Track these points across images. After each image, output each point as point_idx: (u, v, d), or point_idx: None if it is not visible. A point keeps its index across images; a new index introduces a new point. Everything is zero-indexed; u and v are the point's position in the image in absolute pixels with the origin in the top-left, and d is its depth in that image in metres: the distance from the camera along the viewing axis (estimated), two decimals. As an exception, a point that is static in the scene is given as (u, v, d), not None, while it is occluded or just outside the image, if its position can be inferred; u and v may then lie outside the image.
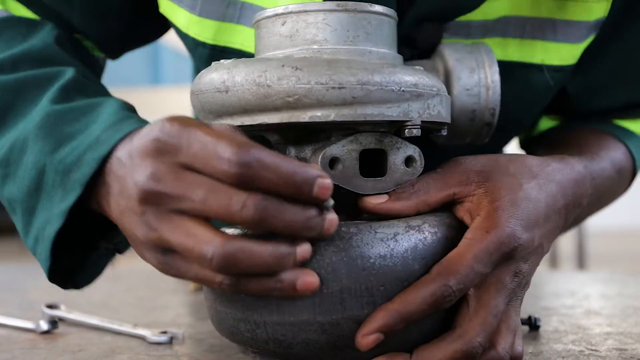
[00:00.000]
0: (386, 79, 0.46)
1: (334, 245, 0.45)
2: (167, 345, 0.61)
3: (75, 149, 0.50)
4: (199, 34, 0.63)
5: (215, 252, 0.40)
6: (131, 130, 0.48)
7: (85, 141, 0.49)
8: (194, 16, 0.63)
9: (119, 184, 0.45)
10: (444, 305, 0.45)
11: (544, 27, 0.63)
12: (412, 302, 0.45)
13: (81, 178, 0.48)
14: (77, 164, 0.49)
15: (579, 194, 0.55)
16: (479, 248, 0.46)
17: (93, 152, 0.48)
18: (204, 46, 0.64)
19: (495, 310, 0.46)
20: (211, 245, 0.40)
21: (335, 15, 0.48)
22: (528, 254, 0.49)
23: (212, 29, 0.63)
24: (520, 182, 0.50)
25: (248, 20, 0.62)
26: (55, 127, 0.52)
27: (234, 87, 0.47)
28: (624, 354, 0.56)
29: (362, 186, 0.48)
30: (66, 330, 0.68)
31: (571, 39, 0.63)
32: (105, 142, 0.48)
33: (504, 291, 0.47)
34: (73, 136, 0.51)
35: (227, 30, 0.63)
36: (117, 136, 0.48)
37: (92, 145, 0.49)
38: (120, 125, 0.49)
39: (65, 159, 0.50)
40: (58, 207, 0.50)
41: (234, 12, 0.62)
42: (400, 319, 0.44)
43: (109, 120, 0.50)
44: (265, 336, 0.47)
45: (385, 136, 0.49)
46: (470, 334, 0.46)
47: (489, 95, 0.57)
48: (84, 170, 0.48)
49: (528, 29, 0.63)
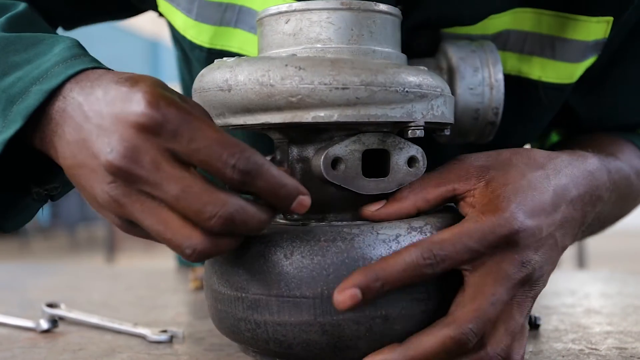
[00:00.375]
0: (390, 80, 0.46)
1: (335, 247, 0.45)
2: (167, 344, 0.61)
3: (21, 80, 0.46)
4: (196, 37, 0.63)
5: (197, 249, 0.41)
6: (86, 68, 0.45)
7: (33, 72, 0.46)
8: (190, 20, 0.63)
9: (76, 132, 0.43)
10: (426, 273, 0.44)
11: (543, 44, 0.63)
12: (392, 265, 0.44)
13: (24, 110, 0.45)
14: (22, 95, 0.46)
15: (595, 186, 0.52)
16: (473, 226, 0.45)
17: (41, 84, 0.45)
18: (201, 49, 0.64)
19: (493, 299, 0.45)
20: (191, 241, 0.41)
21: (340, 14, 0.48)
22: (536, 243, 0.47)
23: (209, 33, 0.63)
24: (524, 171, 0.48)
25: (246, 24, 0.61)
26: (1, 54, 0.49)
27: (236, 86, 0.46)
28: (624, 353, 0.55)
29: (365, 186, 0.48)
30: (66, 329, 0.67)
31: (569, 58, 0.63)
32: (55, 76, 0.45)
33: (505, 281, 0.45)
34: (19, 66, 0.48)
35: (224, 34, 0.62)
36: (69, 71, 0.45)
37: (41, 77, 0.46)
38: (74, 62, 0.46)
39: (9, 89, 0.47)
40: None
41: (232, 16, 0.62)
42: (377, 278, 0.44)
43: (62, 55, 0.47)
44: (266, 336, 0.47)
45: (388, 136, 0.49)
46: (462, 320, 0.44)
47: (492, 95, 0.57)
48: (28, 102, 0.45)
49: (528, 45, 0.62)
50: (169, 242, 0.41)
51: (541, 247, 0.47)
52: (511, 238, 0.46)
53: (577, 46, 0.63)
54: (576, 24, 0.62)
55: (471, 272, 0.46)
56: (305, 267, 0.45)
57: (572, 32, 0.62)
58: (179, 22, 0.64)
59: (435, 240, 0.45)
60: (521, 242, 0.46)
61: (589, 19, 0.62)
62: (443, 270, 0.45)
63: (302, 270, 0.45)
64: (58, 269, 1.18)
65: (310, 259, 0.45)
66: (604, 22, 0.62)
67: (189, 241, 0.41)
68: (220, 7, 0.61)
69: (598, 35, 0.62)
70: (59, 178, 0.52)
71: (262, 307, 0.46)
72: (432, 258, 0.44)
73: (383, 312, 0.45)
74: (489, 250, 0.45)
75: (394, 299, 0.45)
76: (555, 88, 0.64)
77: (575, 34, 0.62)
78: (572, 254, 4.28)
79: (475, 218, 0.46)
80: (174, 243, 0.41)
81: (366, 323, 0.45)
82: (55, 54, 0.47)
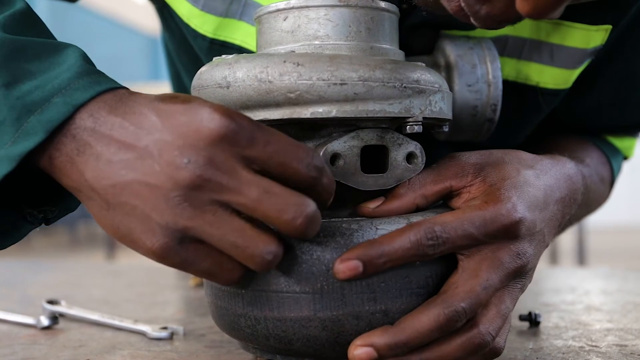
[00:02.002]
0: (388, 75, 0.46)
1: (335, 242, 0.45)
2: (168, 340, 0.61)
3: (39, 89, 0.44)
4: (200, 27, 0.64)
5: (278, 254, 0.42)
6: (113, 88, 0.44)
7: (53, 83, 0.44)
8: (196, 9, 0.63)
9: (122, 152, 0.42)
10: (427, 254, 0.45)
11: (541, 50, 0.63)
12: (398, 242, 0.45)
13: (48, 122, 0.42)
14: (42, 105, 0.43)
15: (573, 189, 0.54)
16: (475, 213, 0.46)
17: (64, 97, 0.43)
18: (204, 39, 0.64)
19: (486, 283, 0.45)
20: (270, 247, 0.41)
21: (337, 11, 0.48)
22: (531, 236, 0.48)
23: (214, 24, 0.63)
24: (518, 168, 0.50)
25: (251, 17, 0.62)
26: (10, 59, 0.46)
27: (235, 83, 0.46)
28: (624, 350, 0.56)
29: (363, 182, 0.48)
30: (67, 326, 0.68)
31: (567, 65, 0.63)
32: (80, 90, 0.43)
33: (500, 269, 0.46)
34: (33, 74, 0.45)
35: (228, 25, 0.63)
36: (97, 88, 0.43)
37: (62, 89, 0.43)
38: (98, 78, 0.44)
39: (25, 97, 0.43)
40: (7, 149, 0.43)
41: (237, 8, 0.62)
42: (380, 253, 0.44)
43: (78, 67, 0.45)
44: (266, 332, 0.47)
45: (387, 132, 0.49)
46: (455, 298, 0.45)
47: (490, 91, 0.57)
48: (50, 114, 0.42)
49: (526, 50, 0.63)
50: (245, 250, 0.41)
51: (534, 240, 0.49)
52: (510, 228, 0.46)
53: (576, 53, 0.63)
54: (575, 31, 0.62)
55: (467, 257, 0.47)
56: (305, 263, 0.45)
57: (571, 40, 0.63)
58: (182, 10, 0.64)
59: (438, 222, 0.46)
60: (519, 233, 0.47)
61: (589, 27, 0.62)
62: (442, 253, 0.46)
63: (302, 265, 0.45)
64: (58, 265, 1.18)
65: (309, 254, 0.45)
66: (603, 30, 0.63)
67: (268, 247, 0.41)
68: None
69: (596, 42, 0.63)
70: (61, 202, 0.49)
71: (262, 303, 0.46)
72: (435, 239, 0.45)
73: (383, 307, 0.45)
74: (487, 238, 0.46)
75: (394, 294, 0.46)
76: (551, 93, 0.65)
77: (574, 42, 0.63)
78: (572, 251, 4.28)
79: (478, 206, 0.47)
80: (250, 251, 0.41)
81: (366, 318, 0.45)
82: (72, 64, 0.45)
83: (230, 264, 0.43)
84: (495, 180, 0.48)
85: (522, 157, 0.51)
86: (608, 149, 0.74)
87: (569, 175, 0.54)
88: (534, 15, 0.39)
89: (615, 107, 0.72)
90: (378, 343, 0.44)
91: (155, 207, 0.41)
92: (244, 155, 0.41)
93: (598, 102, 0.71)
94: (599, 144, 0.74)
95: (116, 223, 0.43)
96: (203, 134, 0.40)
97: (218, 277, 0.43)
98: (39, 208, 0.49)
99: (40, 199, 0.49)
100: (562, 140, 0.72)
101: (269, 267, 0.42)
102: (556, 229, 0.53)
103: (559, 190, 0.52)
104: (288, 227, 0.41)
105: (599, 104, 0.71)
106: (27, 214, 0.49)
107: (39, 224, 0.50)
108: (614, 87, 0.70)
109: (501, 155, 0.51)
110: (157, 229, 0.41)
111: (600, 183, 0.69)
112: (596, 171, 0.68)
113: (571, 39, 0.62)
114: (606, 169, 0.73)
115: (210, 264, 0.43)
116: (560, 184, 0.52)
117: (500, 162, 0.50)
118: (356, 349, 0.44)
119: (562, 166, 0.54)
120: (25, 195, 0.49)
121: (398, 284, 0.46)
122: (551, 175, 0.52)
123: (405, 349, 0.44)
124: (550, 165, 0.53)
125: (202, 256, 0.42)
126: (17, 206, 0.49)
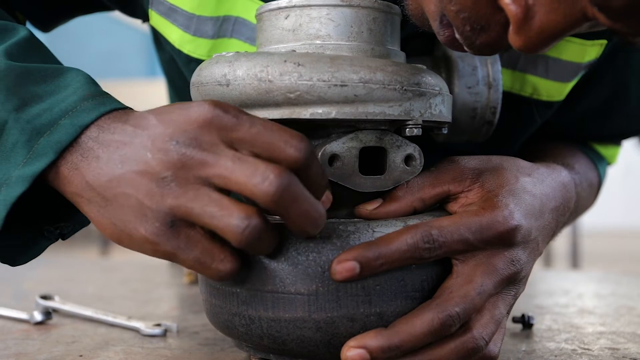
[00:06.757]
0: (389, 78, 0.46)
1: (331, 244, 0.45)
2: (161, 337, 0.61)
3: (47, 112, 0.46)
4: (193, 51, 0.64)
5: (250, 224, 0.41)
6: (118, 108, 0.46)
7: (60, 105, 0.46)
8: (188, 35, 0.63)
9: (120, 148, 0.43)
10: (423, 257, 0.45)
11: (537, 63, 0.63)
12: (395, 245, 0.45)
13: (57, 143, 0.45)
14: (50, 127, 0.45)
15: (567, 198, 0.55)
16: (472, 219, 0.46)
17: (71, 118, 0.45)
18: (198, 62, 0.64)
19: (480, 289, 0.46)
20: (243, 218, 0.41)
21: (339, 11, 0.48)
22: (525, 244, 0.48)
23: (207, 47, 0.63)
24: (517, 175, 0.50)
25: (242, 35, 0.62)
26: (18, 84, 0.48)
27: (235, 81, 0.46)
28: (617, 353, 0.56)
29: (361, 184, 0.48)
30: (60, 322, 0.67)
31: (561, 78, 0.64)
32: (86, 111, 0.45)
33: (494, 275, 0.47)
34: (41, 97, 0.47)
35: (220, 45, 0.63)
36: (102, 109, 0.45)
37: (69, 110, 0.46)
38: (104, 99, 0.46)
39: (34, 120, 0.46)
40: (20, 170, 0.45)
41: (228, 27, 0.62)
42: (378, 255, 0.44)
43: (84, 90, 0.47)
44: (260, 332, 0.47)
45: (386, 134, 0.49)
46: (449, 303, 0.45)
47: (490, 94, 0.57)
48: (59, 136, 0.45)
49: (521, 62, 0.63)
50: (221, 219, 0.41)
51: (528, 248, 0.49)
52: (506, 235, 0.47)
53: (571, 67, 0.64)
54: (572, 45, 0.63)
55: (462, 262, 0.47)
56: (301, 264, 0.45)
57: (567, 54, 0.63)
58: (174, 37, 0.64)
59: (436, 226, 0.46)
60: (514, 240, 0.47)
61: (584, 42, 0.63)
62: (438, 257, 0.46)
63: (297, 266, 0.45)
64: (52, 261, 1.18)
65: (305, 255, 0.45)
66: (598, 44, 0.63)
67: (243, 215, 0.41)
68: (218, 20, 0.62)
69: (591, 56, 0.64)
70: (74, 216, 0.51)
71: (257, 302, 0.46)
72: (432, 243, 0.45)
73: (377, 310, 0.45)
74: (483, 244, 0.46)
75: (389, 297, 0.45)
76: (545, 105, 0.65)
77: (570, 56, 0.63)
78: (566, 254, 4.29)
79: (476, 211, 0.47)
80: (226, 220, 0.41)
81: (360, 320, 0.45)
82: (78, 87, 0.48)
83: (222, 253, 0.43)
84: (493, 186, 0.48)
85: (520, 164, 0.52)
86: (594, 155, 0.76)
87: (564, 183, 0.55)
88: (524, 50, 0.41)
89: (603, 116, 0.73)
90: (371, 345, 0.44)
91: (147, 192, 0.42)
92: (230, 138, 0.42)
93: (587, 112, 0.72)
94: (585, 150, 0.75)
95: (112, 219, 0.43)
96: (191, 119, 0.42)
97: (209, 267, 0.43)
98: (56, 224, 0.51)
99: (56, 215, 0.51)
100: (551, 146, 0.73)
101: (246, 239, 0.41)
102: (550, 237, 0.54)
103: (554, 199, 0.52)
104: (257, 192, 0.40)
105: (587, 113, 0.72)
106: (45, 230, 0.51)
107: (55, 239, 0.52)
108: (603, 98, 0.71)
109: (500, 161, 0.51)
110: (149, 214, 0.42)
111: (589, 189, 0.71)
112: (585, 178, 0.69)
113: (567, 53, 0.63)
114: (594, 175, 0.74)
115: (201, 251, 0.42)
116: (555, 193, 0.53)
117: (499, 169, 0.50)
118: (349, 350, 0.44)
119: (557, 175, 0.55)
120: (42, 213, 0.51)
121: (393, 287, 0.46)
122: (547, 183, 0.52)
123: (399, 352, 0.44)
124: (546, 174, 0.53)
125: (193, 242, 0.42)
126: (35, 223, 0.51)
